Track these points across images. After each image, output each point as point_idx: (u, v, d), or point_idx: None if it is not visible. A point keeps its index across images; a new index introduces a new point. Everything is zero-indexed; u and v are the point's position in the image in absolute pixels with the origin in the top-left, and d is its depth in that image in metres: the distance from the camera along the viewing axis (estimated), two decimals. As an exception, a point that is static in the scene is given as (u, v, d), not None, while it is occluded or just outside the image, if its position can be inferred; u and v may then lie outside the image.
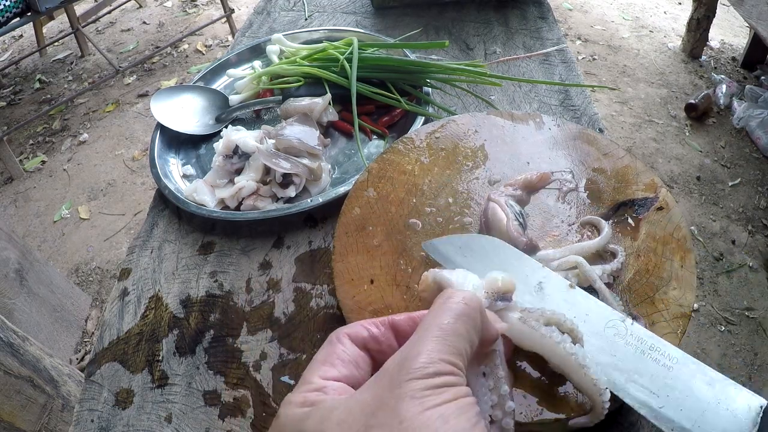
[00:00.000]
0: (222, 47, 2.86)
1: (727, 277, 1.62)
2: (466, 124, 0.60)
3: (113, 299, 0.58)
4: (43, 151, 2.38)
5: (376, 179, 0.55)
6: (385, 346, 0.30)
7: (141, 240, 0.64)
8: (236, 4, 3.10)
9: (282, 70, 0.75)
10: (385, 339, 0.30)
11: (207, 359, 0.51)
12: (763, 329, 1.49)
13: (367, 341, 0.29)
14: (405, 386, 0.23)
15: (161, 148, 0.71)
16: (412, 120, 0.70)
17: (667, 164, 2.00)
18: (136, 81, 2.72)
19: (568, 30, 2.80)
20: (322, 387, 0.26)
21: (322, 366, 0.28)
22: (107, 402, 0.50)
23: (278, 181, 0.62)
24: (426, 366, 0.24)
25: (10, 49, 3.16)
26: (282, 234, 0.61)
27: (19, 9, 2.03)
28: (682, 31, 2.60)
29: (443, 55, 0.83)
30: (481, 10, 0.93)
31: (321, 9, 0.99)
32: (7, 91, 2.78)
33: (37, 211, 2.10)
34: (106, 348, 0.54)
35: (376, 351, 0.29)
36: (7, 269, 1.43)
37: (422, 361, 0.24)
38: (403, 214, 0.51)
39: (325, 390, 0.26)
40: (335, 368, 0.28)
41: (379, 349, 0.29)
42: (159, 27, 3.11)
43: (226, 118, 0.76)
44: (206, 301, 0.56)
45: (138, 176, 2.18)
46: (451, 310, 0.27)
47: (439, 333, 0.26)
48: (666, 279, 0.43)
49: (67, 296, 1.62)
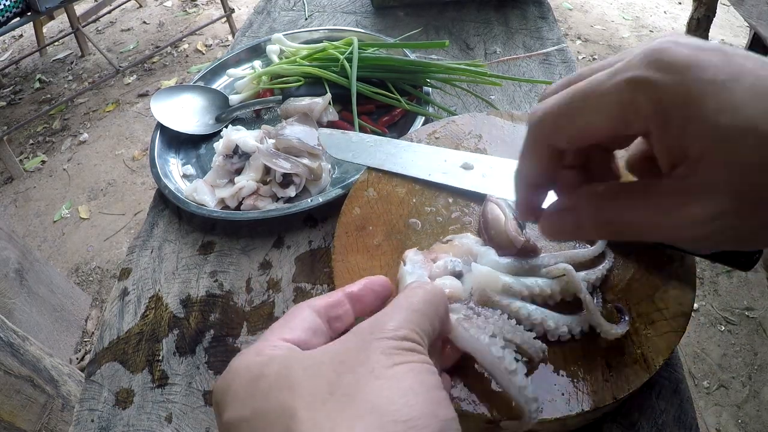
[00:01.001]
0: (222, 47, 2.86)
1: (727, 277, 1.62)
2: (466, 124, 0.60)
3: (113, 299, 0.58)
4: (43, 151, 2.38)
5: (376, 179, 0.55)
6: (342, 311, 0.31)
7: (141, 240, 0.64)
8: (236, 4, 3.10)
9: (282, 69, 0.75)
10: (341, 306, 0.31)
11: (207, 359, 0.51)
12: (763, 329, 1.49)
13: (326, 309, 0.31)
14: (376, 343, 0.25)
15: (161, 148, 0.72)
16: (412, 120, 0.70)
17: (667, 164, 2.00)
18: (136, 81, 2.72)
19: (568, 30, 2.80)
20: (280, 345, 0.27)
21: (280, 329, 0.28)
22: (107, 402, 0.50)
23: (278, 181, 0.62)
24: (397, 329, 0.26)
25: (10, 49, 3.16)
26: (282, 234, 0.61)
27: (19, 9, 2.03)
28: (682, 31, 2.59)
29: (443, 55, 0.83)
30: (481, 10, 0.93)
31: (321, 9, 1.00)
32: (7, 91, 2.78)
33: (37, 211, 2.10)
34: (106, 348, 0.54)
35: (334, 318, 0.31)
36: (7, 269, 1.43)
37: (393, 325, 0.26)
38: (403, 214, 0.51)
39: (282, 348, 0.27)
40: (294, 332, 0.28)
41: (336, 315, 0.31)
42: (159, 27, 3.11)
43: (226, 117, 0.76)
44: (206, 301, 0.56)
45: (138, 176, 2.18)
46: (419, 295, 0.29)
47: (409, 308, 0.28)
48: (666, 278, 0.43)
49: (67, 296, 1.62)
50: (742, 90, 0.23)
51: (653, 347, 0.39)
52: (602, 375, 0.38)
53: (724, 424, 1.32)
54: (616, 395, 0.37)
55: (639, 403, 0.43)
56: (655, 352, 0.39)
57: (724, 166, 0.23)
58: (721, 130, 0.23)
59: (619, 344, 0.40)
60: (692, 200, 0.24)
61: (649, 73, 0.24)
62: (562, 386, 0.38)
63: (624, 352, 0.39)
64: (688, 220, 0.24)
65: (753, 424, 1.31)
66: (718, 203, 0.24)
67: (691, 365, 1.43)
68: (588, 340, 0.40)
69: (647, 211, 0.26)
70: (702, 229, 0.25)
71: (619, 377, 0.38)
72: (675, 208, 0.25)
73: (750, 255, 0.40)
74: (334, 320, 0.31)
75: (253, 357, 0.26)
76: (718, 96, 0.23)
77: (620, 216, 0.28)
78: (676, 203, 0.25)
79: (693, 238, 0.25)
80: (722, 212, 0.24)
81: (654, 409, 0.43)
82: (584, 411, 0.37)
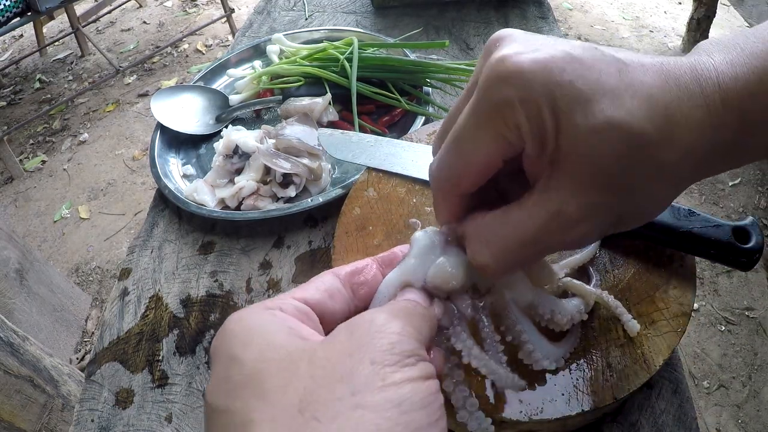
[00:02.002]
0: (222, 47, 2.86)
1: (727, 277, 1.62)
2: (466, 124, 0.60)
3: (113, 299, 0.58)
4: (43, 151, 2.38)
5: (376, 179, 0.55)
6: (369, 276, 0.30)
7: (141, 240, 0.64)
8: (236, 4, 3.10)
9: (282, 69, 0.75)
10: (368, 271, 0.30)
11: (207, 359, 0.51)
12: (763, 329, 1.49)
13: (349, 275, 0.29)
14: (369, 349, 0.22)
15: (161, 148, 0.72)
16: (412, 120, 0.70)
17: (667, 164, 2.00)
18: (137, 81, 2.72)
19: (568, 30, 2.80)
20: (287, 304, 0.26)
21: (295, 290, 0.27)
22: (107, 402, 0.50)
23: (278, 181, 0.62)
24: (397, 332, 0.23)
25: (10, 49, 3.16)
26: (282, 234, 0.61)
27: (19, 9, 2.03)
28: (682, 31, 2.59)
29: (443, 55, 0.83)
30: (481, 10, 0.93)
31: (321, 9, 0.99)
32: (7, 91, 2.78)
33: (37, 211, 2.10)
34: (106, 348, 0.54)
35: (359, 284, 0.29)
36: (7, 269, 1.43)
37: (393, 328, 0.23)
38: (403, 214, 0.51)
39: (283, 307, 0.26)
40: (307, 291, 0.27)
41: (362, 281, 0.29)
42: (159, 27, 3.11)
43: (226, 118, 0.76)
44: (206, 301, 0.56)
45: (138, 176, 2.18)
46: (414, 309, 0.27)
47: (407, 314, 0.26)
48: (666, 278, 0.43)
49: (67, 296, 1.62)
50: (591, 90, 0.24)
51: (653, 347, 0.39)
52: (602, 375, 0.38)
53: (724, 424, 1.32)
54: (616, 395, 0.37)
55: (639, 403, 0.43)
56: (655, 352, 0.39)
57: (586, 160, 0.24)
58: (579, 129, 0.24)
59: (619, 344, 0.40)
60: (564, 200, 0.25)
61: (508, 93, 0.24)
62: (562, 386, 0.38)
63: (624, 352, 0.39)
64: (565, 219, 0.25)
65: (753, 424, 1.31)
66: (587, 197, 0.25)
67: (691, 365, 1.43)
68: (588, 340, 0.40)
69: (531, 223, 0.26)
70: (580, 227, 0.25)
71: (619, 377, 0.38)
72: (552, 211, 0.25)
73: (750, 255, 0.40)
74: (359, 286, 0.29)
75: (246, 318, 0.25)
76: (573, 99, 0.24)
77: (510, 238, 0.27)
78: (551, 207, 0.25)
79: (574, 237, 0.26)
80: (594, 204, 0.25)
81: (654, 409, 0.43)
82: (584, 411, 0.37)
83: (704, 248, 0.42)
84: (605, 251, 0.46)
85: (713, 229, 0.41)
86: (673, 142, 0.24)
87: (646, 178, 0.25)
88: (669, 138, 0.24)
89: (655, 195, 0.26)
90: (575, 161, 0.24)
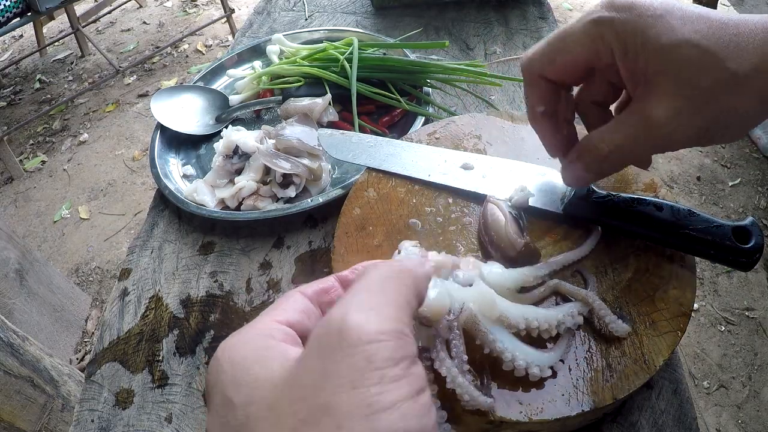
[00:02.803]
0: (222, 47, 2.86)
1: (727, 277, 1.62)
2: (466, 125, 0.60)
3: (113, 299, 0.58)
4: (43, 151, 2.38)
5: (376, 179, 0.55)
6: (334, 296, 0.31)
7: (141, 240, 0.64)
8: (236, 4, 3.10)
9: (282, 70, 0.75)
10: (334, 291, 0.31)
11: (207, 359, 0.51)
12: (763, 329, 1.49)
13: (317, 294, 0.30)
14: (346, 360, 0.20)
15: (161, 148, 0.72)
16: (412, 120, 0.70)
17: (667, 164, 2.00)
18: (136, 81, 2.72)
19: (568, 30, 2.80)
20: (273, 328, 0.26)
21: (273, 312, 0.28)
22: (107, 402, 0.50)
23: (278, 181, 0.62)
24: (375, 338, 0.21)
25: (10, 49, 3.17)
26: (282, 234, 0.61)
27: (19, 9, 2.03)
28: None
29: (443, 55, 0.83)
30: (481, 10, 0.93)
31: (321, 9, 1.00)
32: (7, 91, 2.78)
33: (37, 211, 2.10)
34: (106, 348, 0.54)
35: (326, 303, 0.31)
36: (7, 269, 1.43)
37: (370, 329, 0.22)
38: (403, 214, 0.51)
39: (272, 332, 0.26)
40: (287, 313, 0.28)
41: (328, 300, 0.31)
42: (159, 27, 3.11)
43: (226, 118, 0.76)
44: (206, 301, 0.56)
45: (138, 176, 2.18)
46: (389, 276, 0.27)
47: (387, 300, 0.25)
48: (666, 278, 0.43)
49: (67, 296, 1.62)
50: (674, 18, 0.32)
51: (653, 347, 0.39)
52: (602, 375, 0.38)
53: (724, 424, 1.32)
54: (616, 395, 0.37)
55: (639, 404, 0.43)
56: (655, 352, 0.39)
57: (672, 73, 0.32)
58: (665, 47, 0.32)
59: (619, 344, 0.40)
60: (654, 106, 0.32)
61: (607, 13, 0.34)
62: (562, 386, 0.38)
63: (624, 352, 0.39)
64: (654, 122, 0.32)
65: (753, 424, 1.31)
66: (673, 103, 0.32)
67: (691, 365, 1.43)
68: (588, 340, 0.40)
69: (628, 129, 0.34)
70: (667, 128, 0.33)
71: (619, 377, 0.38)
72: (644, 115, 0.33)
73: (750, 255, 0.40)
74: (326, 305, 0.30)
75: (237, 348, 0.25)
76: (657, 24, 0.32)
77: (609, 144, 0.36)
78: (643, 113, 0.33)
79: (663, 139, 0.33)
80: (678, 110, 0.32)
81: (654, 409, 0.43)
82: (584, 411, 0.37)
83: (704, 248, 0.42)
84: (605, 251, 0.46)
85: (713, 230, 0.41)
86: (740, 55, 0.30)
87: (721, 87, 0.31)
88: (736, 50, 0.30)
89: (736, 108, 0.31)
90: (658, 72, 0.32)
